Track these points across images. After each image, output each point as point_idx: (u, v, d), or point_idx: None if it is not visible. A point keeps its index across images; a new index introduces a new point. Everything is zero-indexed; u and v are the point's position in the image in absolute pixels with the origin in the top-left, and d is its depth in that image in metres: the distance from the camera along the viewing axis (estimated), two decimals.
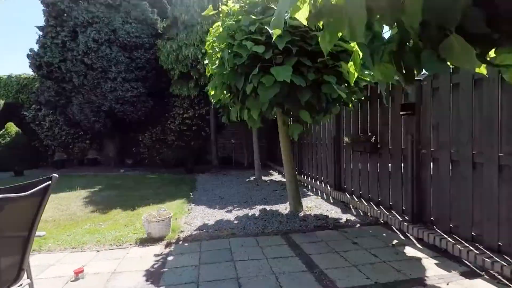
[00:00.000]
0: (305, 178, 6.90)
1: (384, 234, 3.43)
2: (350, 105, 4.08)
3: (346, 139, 4.90)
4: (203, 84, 9.11)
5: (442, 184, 3.14)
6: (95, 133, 11.24)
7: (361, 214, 4.31)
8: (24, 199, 1.51)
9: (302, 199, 5.16)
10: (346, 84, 3.61)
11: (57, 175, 1.68)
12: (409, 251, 2.92)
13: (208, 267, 2.66)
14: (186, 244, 3.26)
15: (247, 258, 2.83)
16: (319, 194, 5.78)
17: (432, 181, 3.29)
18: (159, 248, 3.15)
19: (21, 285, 1.60)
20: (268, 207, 4.79)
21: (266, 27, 3.21)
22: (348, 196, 4.91)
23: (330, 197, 5.39)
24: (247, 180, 7.71)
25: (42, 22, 9.71)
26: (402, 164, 3.72)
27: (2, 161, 9.72)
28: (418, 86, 3.42)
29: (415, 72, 1.41)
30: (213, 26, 4.07)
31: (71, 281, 2.42)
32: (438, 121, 3.18)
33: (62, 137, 11.91)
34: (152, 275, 2.53)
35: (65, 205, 5.12)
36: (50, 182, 1.63)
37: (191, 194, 5.99)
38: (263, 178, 7.75)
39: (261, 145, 9.08)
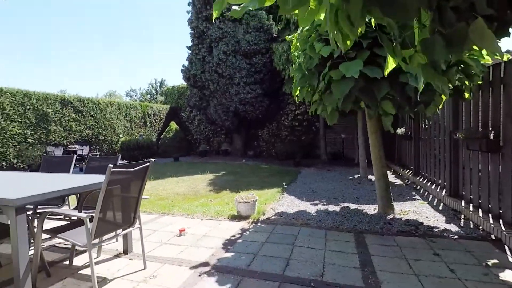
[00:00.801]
0: (421, 180, 6.07)
1: (485, 253, 2.81)
2: (466, 95, 3.44)
3: (459, 135, 4.11)
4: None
5: None
6: (226, 129, 13.56)
7: (471, 226, 3.58)
8: (137, 171, 2.40)
9: (402, 202, 4.74)
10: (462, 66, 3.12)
11: (153, 160, 2.54)
12: (508, 275, 2.35)
13: (270, 245, 3.08)
14: (263, 225, 3.78)
15: (307, 246, 3.07)
16: (429, 199, 5.03)
17: None
18: (242, 224, 3.82)
19: (134, 227, 2.55)
20: (355, 206, 4.67)
21: None
22: (463, 205, 4.12)
23: (441, 204, 4.63)
24: (350, 177, 7.48)
25: (190, 43, 12.57)
26: None
27: (167, 150, 13.31)
28: None
29: None
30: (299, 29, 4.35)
31: (176, 236, 3.42)
32: None
33: (205, 132, 15.01)
34: (228, 242, 3.20)
35: (195, 185, 6.71)
36: (149, 164, 2.49)
37: (289, 185, 6.49)
38: (369, 177, 7.30)
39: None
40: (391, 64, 1.90)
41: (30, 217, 2.53)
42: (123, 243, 2.90)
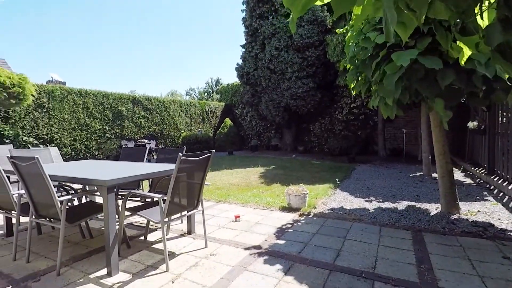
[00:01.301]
0: (496, 179, 5.42)
1: None
2: None
3: None
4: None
5: None
6: (276, 124, 13.74)
7: None
8: (201, 160, 2.71)
9: (470, 203, 4.37)
10: None
11: (214, 151, 2.82)
12: None
13: (320, 237, 3.16)
14: (314, 218, 3.85)
15: (359, 240, 3.06)
16: (504, 200, 4.48)
17: None
18: (292, 216, 3.95)
19: (198, 210, 2.88)
20: (415, 204, 4.42)
21: None
22: None
23: None
24: (411, 175, 7.00)
25: (243, 42, 12.99)
26: None
27: (222, 144, 14.05)
28: None
29: None
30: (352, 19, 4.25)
31: (232, 221, 3.70)
32: None
33: (256, 128, 15.41)
34: (279, 230, 3.36)
35: (247, 177, 7.04)
36: (210, 154, 2.78)
37: (342, 181, 6.38)
38: (433, 175, 6.73)
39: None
40: (466, 52, 1.80)
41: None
42: (187, 224, 3.28)
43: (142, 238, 3.15)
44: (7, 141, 7.44)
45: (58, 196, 3.09)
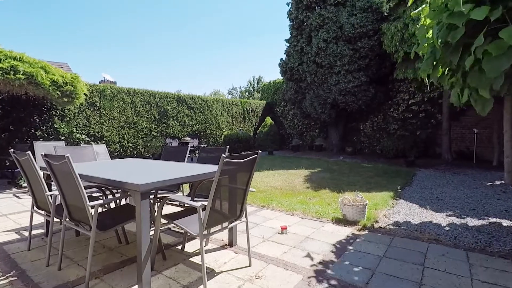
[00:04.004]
0: None
1: None
2: None
3: None
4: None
5: None
6: (321, 123, 12.93)
7: None
8: (246, 162, 2.28)
9: None
10: None
11: (260, 152, 2.37)
12: None
13: (390, 262, 2.53)
14: (377, 235, 3.20)
15: (443, 270, 2.37)
16: None
17: None
18: (350, 230, 3.34)
19: (241, 220, 2.45)
20: (505, 222, 3.50)
21: None
22: None
23: None
24: (488, 184, 5.84)
25: (287, 36, 12.41)
26: None
27: (262, 144, 13.66)
28: None
29: None
30: None
31: (278, 233, 3.23)
32: None
33: (299, 127, 14.74)
34: (336, 249, 2.80)
35: (290, 179, 6.51)
36: (256, 156, 2.33)
37: (402, 188, 5.53)
38: None
39: None
40: None
41: (151, 201, 2.78)
42: (228, 234, 2.89)
43: (180, 247, 2.84)
44: (62, 138, 7.90)
45: (94, 199, 2.90)
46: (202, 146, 12.12)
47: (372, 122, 11.84)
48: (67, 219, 2.39)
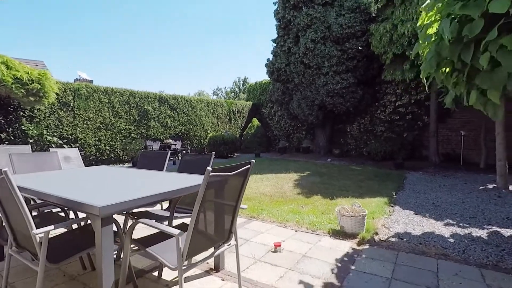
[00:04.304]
0: None
1: None
2: None
3: None
4: (420, 63, 7.77)
5: None
6: (308, 125, 12.72)
7: None
8: (236, 176, 1.89)
9: None
10: None
11: (254, 161, 1.99)
12: None
13: (402, 285, 2.21)
14: (380, 250, 2.90)
15: None
16: None
17: None
18: (349, 245, 3.02)
19: (229, 244, 2.06)
20: (510, 231, 3.30)
21: None
22: None
23: None
24: (481, 187, 5.74)
25: (275, 36, 12.11)
26: None
27: (248, 146, 13.29)
28: None
29: None
30: None
31: (272, 251, 2.86)
32: None
33: (285, 128, 14.47)
34: (337, 270, 2.46)
35: (280, 184, 6.17)
36: (249, 166, 1.95)
37: (396, 193, 5.31)
38: (511, 188, 5.44)
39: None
40: None
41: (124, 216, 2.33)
42: (214, 257, 2.48)
43: (156, 273, 2.40)
44: (31, 141, 7.20)
45: (52, 218, 2.43)
46: (186, 148, 11.59)
47: (359, 124, 11.74)
48: (13, 247, 1.92)
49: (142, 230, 3.15)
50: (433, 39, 3.14)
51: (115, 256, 2.53)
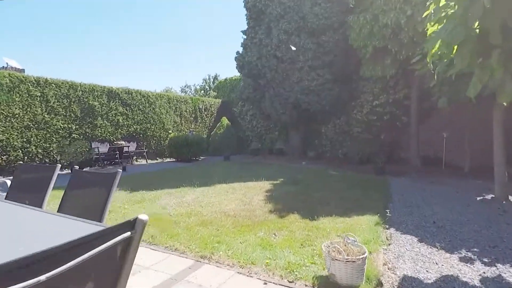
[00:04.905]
0: None
1: None
2: None
3: None
4: (404, 58, 7.03)
5: None
6: (282, 125, 11.76)
7: None
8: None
9: None
10: None
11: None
12: None
13: None
14: None
15: None
16: None
17: None
18: None
19: None
20: None
21: None
22: None
23: None
24: (477, 198, 5.02)
25: (245, 26, 10.97)
26: None
27: (217, 147, 12.05)
28: None
29: None
30: None
31: None
32: None
33: (258, 129, 13.40)
34: None
35: (248, 198, 5.03)
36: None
37: (386, 207, 4.39)
38: (511, 198, 4.77)
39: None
40: None
41: None
42: None
43: None
44: None
45: None
46: (142, 150, 10.07)
47: (334, 124, 10.94)
48: None
49: None
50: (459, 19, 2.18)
51: None
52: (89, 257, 0.65)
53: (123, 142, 9.45)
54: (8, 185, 2.21)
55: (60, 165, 2.14)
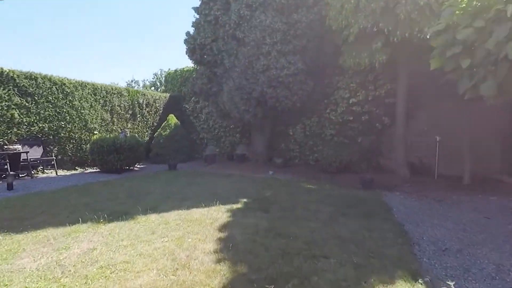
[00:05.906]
0: None
1: None
2: None
3: None
4: (399, 40, 5.56)
5: None
6: (244, 125, 9.81)
7: None
8: None
9: None
10: None
11: None
12: None
13: None
14: None
15: None
16: None
17: None
18: None
19: None
20: None
21: None
22: None
23: None
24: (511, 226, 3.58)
25: (198, 3, 8.82)
26: None
27: (161, 153, 9.65)
28: None
29: None
30: None
31: None
32: None
33: (215, 130, 11.29)
34: None
35: (187, 248, 2.94)
36: None
37: (415, 256, 2.66)
38: None
39: None
40: None
41: None
42: None
43: None
44: None
45: None
46: (51, 158, 7.29)
47: (304, 125, 9.31)
48: None
49: None
50: None
51: None
52: None
53: (19, 146, 6.63)
54: None
55: None
